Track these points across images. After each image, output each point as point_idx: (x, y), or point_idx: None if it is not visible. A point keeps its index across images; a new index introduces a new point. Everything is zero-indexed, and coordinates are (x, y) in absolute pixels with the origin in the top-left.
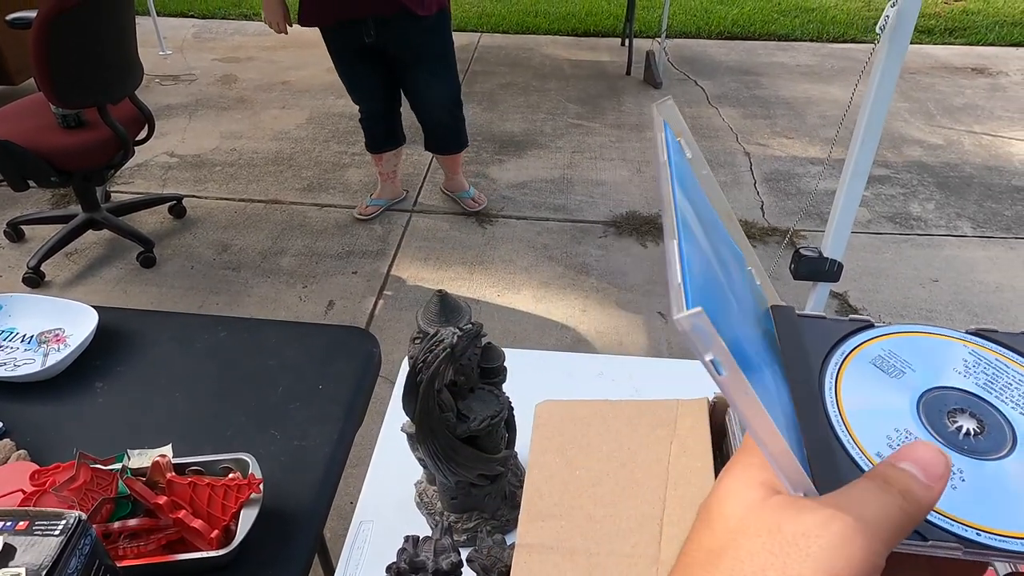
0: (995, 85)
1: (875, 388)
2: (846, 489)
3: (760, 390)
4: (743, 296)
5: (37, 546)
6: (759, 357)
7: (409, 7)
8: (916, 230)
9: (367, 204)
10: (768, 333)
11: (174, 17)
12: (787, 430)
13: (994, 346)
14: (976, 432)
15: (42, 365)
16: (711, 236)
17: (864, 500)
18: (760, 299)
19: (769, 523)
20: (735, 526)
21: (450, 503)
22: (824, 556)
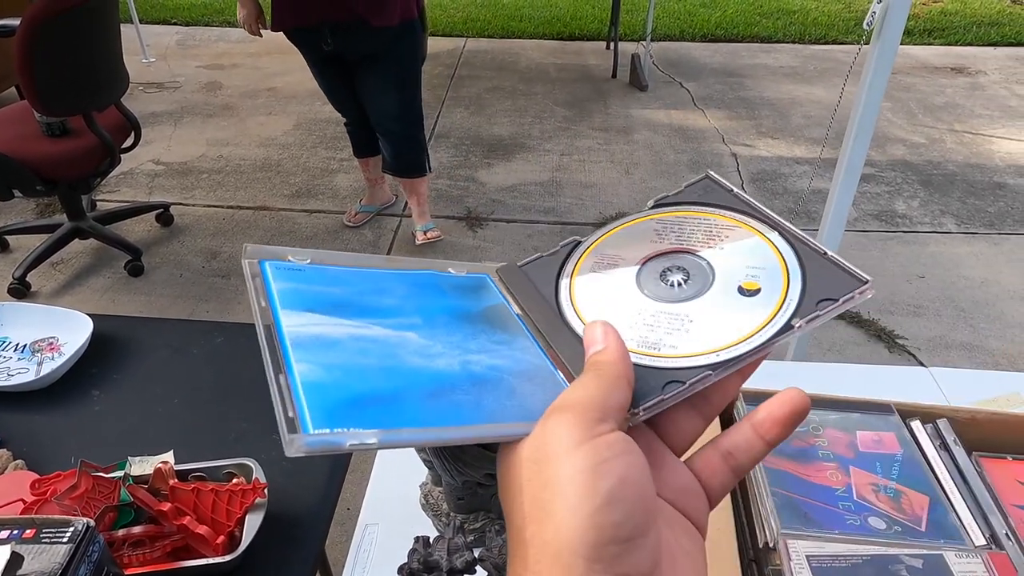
0: (974, 84)
1: (600, 288)
2: (556, 401)
3: (455, 402)
4: (433, 311)
5: (45, 554)
6: (462, 351)
7: (363, 15)
8: (902, 227)
9: (356, 211)
10: (484, 309)
11: (157, 24)
12: (529, 383)
13: (670, 208)
14: (685, 281)
15: (36, 374)
16: (366, 302)
17: (566, 393)
18: (470, 285)
19: (519, 461)
20: (508, 480)
21: (456, 504)
22: (549, 447)
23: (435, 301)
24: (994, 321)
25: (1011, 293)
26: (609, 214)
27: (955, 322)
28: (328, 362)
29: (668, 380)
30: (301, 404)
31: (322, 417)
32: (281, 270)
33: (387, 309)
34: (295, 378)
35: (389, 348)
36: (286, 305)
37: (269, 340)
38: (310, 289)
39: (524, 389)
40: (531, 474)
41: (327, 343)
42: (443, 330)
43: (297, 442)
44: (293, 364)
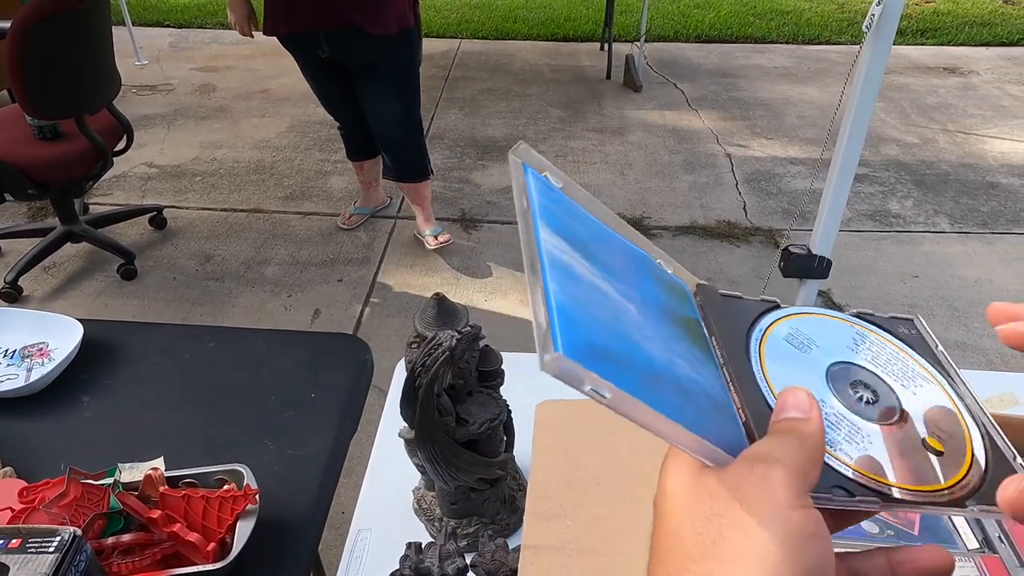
0: (967, 84)
1: (791, 362)
2: (752, 448)
3: (658, 390)
4: (648, 294)
5: (31, 564)
6: (668, 347)
7: (360, 24)
8: (895, 227)
9: (351, 213)
10: (685, 318)
11: (150, 27)
12: (710, 405)
13: (871, 326)
14: (872, 401)
15: (26, 380)
16: (599, 253)
17: (769, 448)
18: (675, 287)
19: (708, 489)
20: (680, 502)
21: (450, 508)
22: (760, 496)
23: (647, 282)
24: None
25: (1004, 292)
26: None
27: (949, 322)
28: (574, 296)
29: (836, 484)
30: (555, 324)
31: (571, 347)
32: (540, 182)
33: (613, 270)
34: (550, 296)
35: (616, 310)
36: (544, 219)
37: (527, 238)
38: (560, 214)
39: (715, 415)
40: (722, 510)
41: (573, 276)
42: (654, 318)
43: (555, 361)
44: (548, 282)
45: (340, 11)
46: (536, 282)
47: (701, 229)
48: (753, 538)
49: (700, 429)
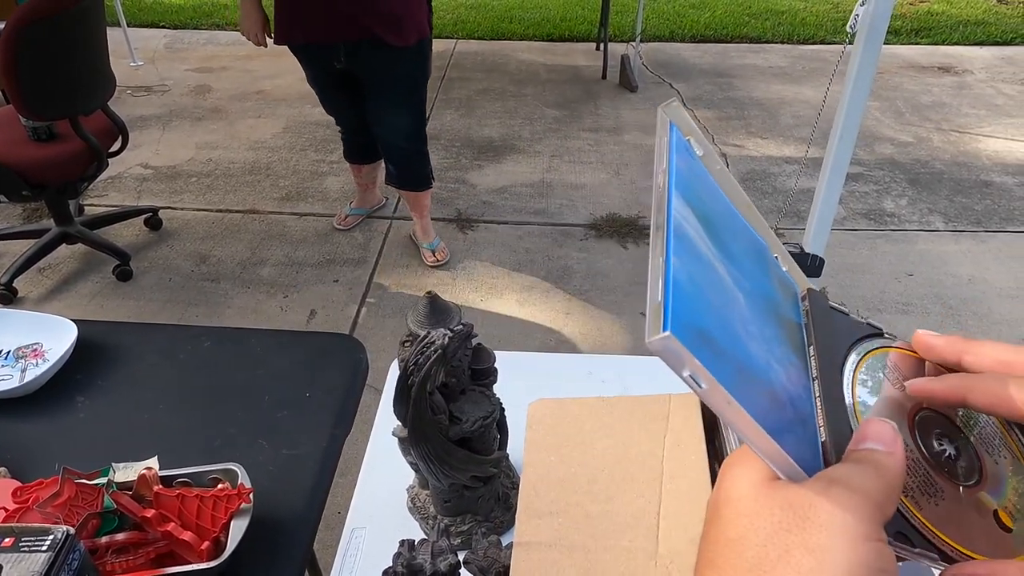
0: (961, 83)
1: (880, 392)
2: (829, 470)
3: (750, 389)
4: (760, 286)
5: (24, 562)
6: (768, 347)
7: (381, 36)
8: (890, 226)
9: (347, 214)
10: (788, 320)
11: (145, 28)
12: (795, 415)
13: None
14: (953, 458)
15: (20, 381)
16: (722, 233)
17: (848, 474)
18: (786, 285)
19: (779, 501)
20: (746, 509)
21: (443, 506)
22: (833, 520)
23: (763, 276)
24: (982, 318)
25: (998, 290)
26: (600, 215)
27: (943, 319)
28: (692, 273)
29: (900, 530)
30: (668, 299)
31: (679, 327)
32: (682, 146)
33: (732, 253)
34: (670, 268)
35: (728, 297)
36: (678, 187)
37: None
38: (694, 184)
39: (797, 429)
40: (791, 527)
41: (694, 252)
42: (760, 314)
43: (662, 340)
44: (671, 254)
45: (363, 23)
46: (658, 250)
47: None
48: (821, 562)
49: (781, 439)
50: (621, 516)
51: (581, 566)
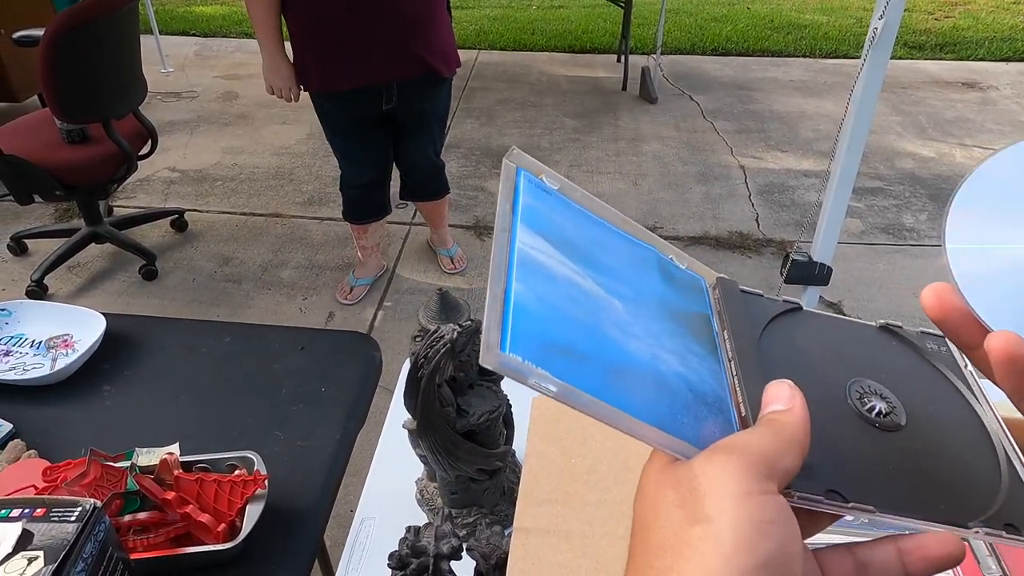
0: (985, 99)
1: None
2: (721, 440)
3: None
4: (645, 290)
5: (54, 531)
6: (656, 342)
7: (436, 69)
8: (909, 241)
9: (351, 286)
10: (688, 313)
11: (176, 35)
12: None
13: (897, 341)
14: (886, 412)
15: (51, 369)
16: (592, 252)
17: (734, 440)
18: (686, 282)
19: (671, 481)
20: (648, 495)
21: (450, 498)
22: (713, 484)
23: (649, 281)
24: None
25: None
26: None
27: None
28: (541, 294)
29: (831, 488)
30: (507, 321)
31: (519, 344)
32: (532, 185)
33: (605, 267)
34: (510, 294)
35: (595, 307)
36: (525, 221)
37: (501, 240)
38: (550, 215)
39: (698, 410)
40: (681, 501)
41: (546, 276)
42: (647, 313)
43: (493, 356)
44: (513, 281)
45: (419, 58)
46: (498, 282)
47: (713, 240)
48: (707, 528)
49: (671, 423)
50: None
51: (578, 550)
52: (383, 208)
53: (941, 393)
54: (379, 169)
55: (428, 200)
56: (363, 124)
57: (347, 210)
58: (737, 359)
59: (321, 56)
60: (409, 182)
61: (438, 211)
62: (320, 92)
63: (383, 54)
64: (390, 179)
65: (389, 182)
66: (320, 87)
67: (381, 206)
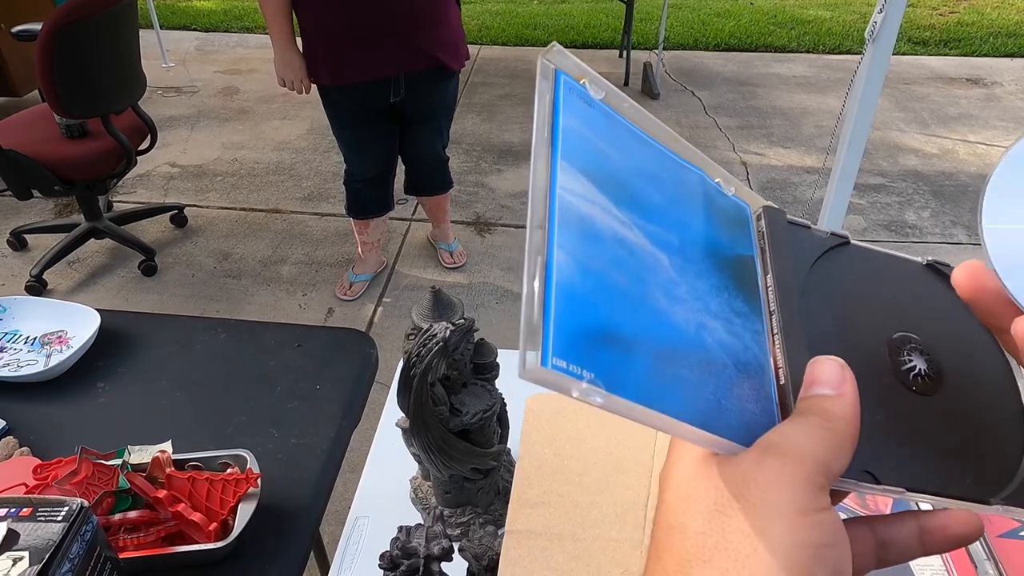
0: (989, 95)
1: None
2: (772, 431)
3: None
4: (692, 233)
5: (40, 531)
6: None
7: (445, 62)
8: (911, 238)
9: (351, 282)
10: (734, 257)
11: (177, 30)
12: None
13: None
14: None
15: (45, 366)
16: (637, 185)
17: (788, 434)
18: (732, 213)
19: (714, 481)
20: (685, 493)
21: (444, 497)
22: (766, 497)
23: (696, 216)
24: None
25: None
26: None
27: None
28: (585, 262)
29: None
30: (549, 315)
31: (564, 343)
32: (573, 95)
33: (652, 208)
34: (552, 272)
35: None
36: (567, 155)
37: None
38: (593, 139)
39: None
40: (725, 507)
41: (590, 233)
42: (693, 267)
43: (534, 372)
44: (554, 251)
45: (428, 51)
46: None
47: None
48: (758, 548)
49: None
50: (611, 507)
51: (569, 553)
52: (386, 204)
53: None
54: (384, 163)
55: (431, 195)
56: (370, 117)
57: (350, 205)
58: (779, 314)
59: (331, 49)
60: (413, 176)
61: (441, 206)
62: (330, 85)
63: (393, 47)
64: (394, 175)
65: (393, 178)
66: (331, 80)
67: (384, 202)
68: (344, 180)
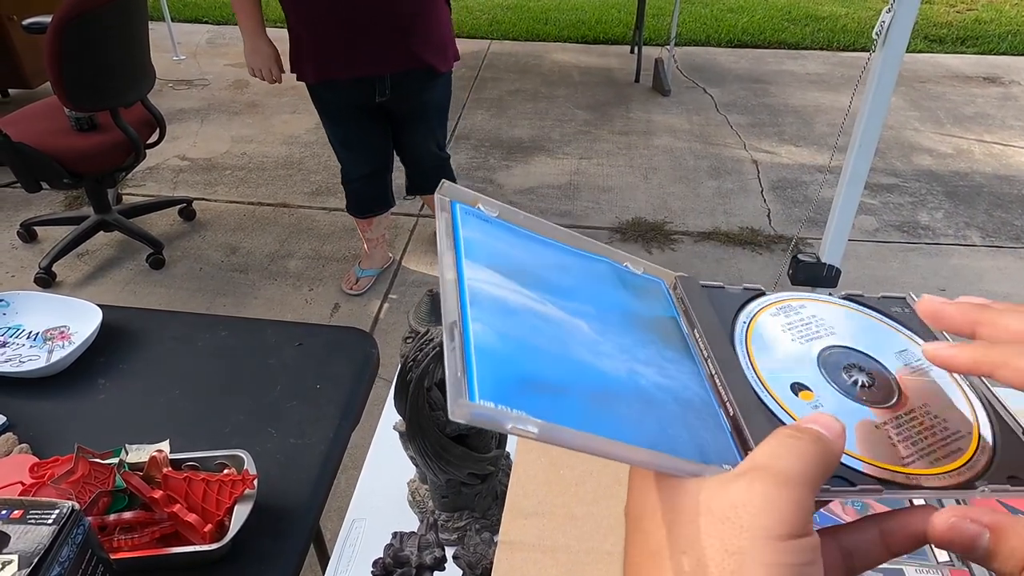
0: (1007, 94)
1: (780, 349)
2: (760, 448)
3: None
4: (607, 304)
5: (30, 534)
6: (630, 356)
7: (432, 64)
8: (924, 239)
9: (357, 276)
10: (655, 318)
11: (188, 23)
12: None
13: (863, 308)
14: (868, 385)
15: (47, 361)
16: (545, 275)
17: (779, 453)
18: (646, 287)
19: (697, 506)
20: (664, 519)
21: (441, 502)
22: (757, 523)
23: (609, 294)
24: None
25: None
26: (626, 219)
27: None
28: (502, 330)
29: (838, 474)
30: (471, 367)
31: (490, 388)
32: (470, 216)
33: (562, 288)
34: (469, 337)
35: (561, 332)
36: (470, 256)
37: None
38: (494, 244)
39: (688, 419)
40: (709, 530)
41: (504, 309)
42: (614, 328)
43: (463, 408)
44: (469, 322)
45: (414, 51)
46: (453, 328)
47: (723, 235)
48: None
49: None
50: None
51: (563, 567)
52: (386, 200)
53: (914, 355)
54: (378, 160)
55: (432, 193)
56: (359, 115)
57: (350, 204)
58: (714, 357)
59: (316, 46)
60: (413, 177)
61: None
62: (315, 83)
63: (376, 47)
64: (391, 171)
65: (390, 174)
66: (315, 77)
67: (384, 199)
68: (341, 180)
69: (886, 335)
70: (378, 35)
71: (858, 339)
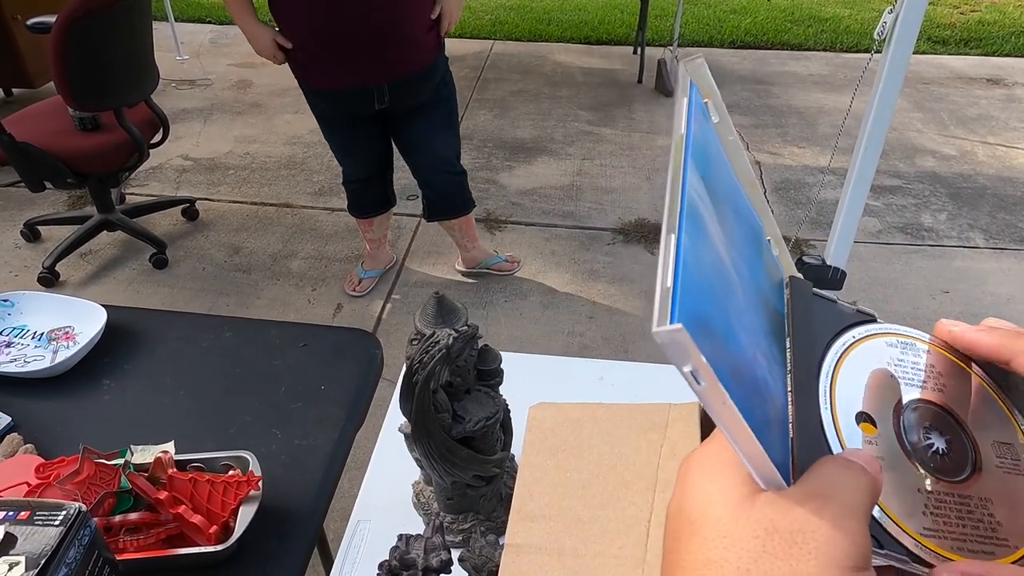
0: (1010, 96)
1: (864, 388)
2: (817, 475)
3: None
4: (753, 272)
5: (37, 536)
6: (755, 339)
7: (417, 66)
8: (927, 241)
9: (360, 278)
10: (773, 309)
11: (192, 23)
12: (772, 414)
13: (977, 369)
14: (944, 454)
15: (51, 362)
16: (725, 211)
17: (839, 483)
18: (775, 270)
19: (764, 523)
20: (727, 531)
21: (446, 504)
22: (826, 549)
23: (755, 262)
24: None
25: None
26: (628, 220)
27: None
28: (699, 255)
29: (888, 539)
30: (678, 284)
31: (685, 315)
32: (699, 110)
33: (734, 236)
34: (680, 250)
35: (726, 284)
36: (695, 157)
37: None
38: (707, 153)
39: (773, 426)
40: (775, 550)
41: (703, 232)
42: (753, 302)
43: (669, 331)
44: (683, 233)
45: (394, 61)
46: (671, 229)
47: None
48: None
49: (763, 438)
50: (613, 523)
51: (569, 570)
52: (387, 201)
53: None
54: (377, 164)
55: (456, 217)
56: (356, 122)
57: (351, 204)
58: (796, 372)
59: (309, 56)
60: (432, 197)
61: (469, 225)
62: (311, 90)
63: (360, 60)
64: (391, 172)
65: (391, 175)
66: (312, 82)
67: (384, 199)
68: (342, 181)
69: (988, 403)
70: (371, 49)
71: (953, 399)
